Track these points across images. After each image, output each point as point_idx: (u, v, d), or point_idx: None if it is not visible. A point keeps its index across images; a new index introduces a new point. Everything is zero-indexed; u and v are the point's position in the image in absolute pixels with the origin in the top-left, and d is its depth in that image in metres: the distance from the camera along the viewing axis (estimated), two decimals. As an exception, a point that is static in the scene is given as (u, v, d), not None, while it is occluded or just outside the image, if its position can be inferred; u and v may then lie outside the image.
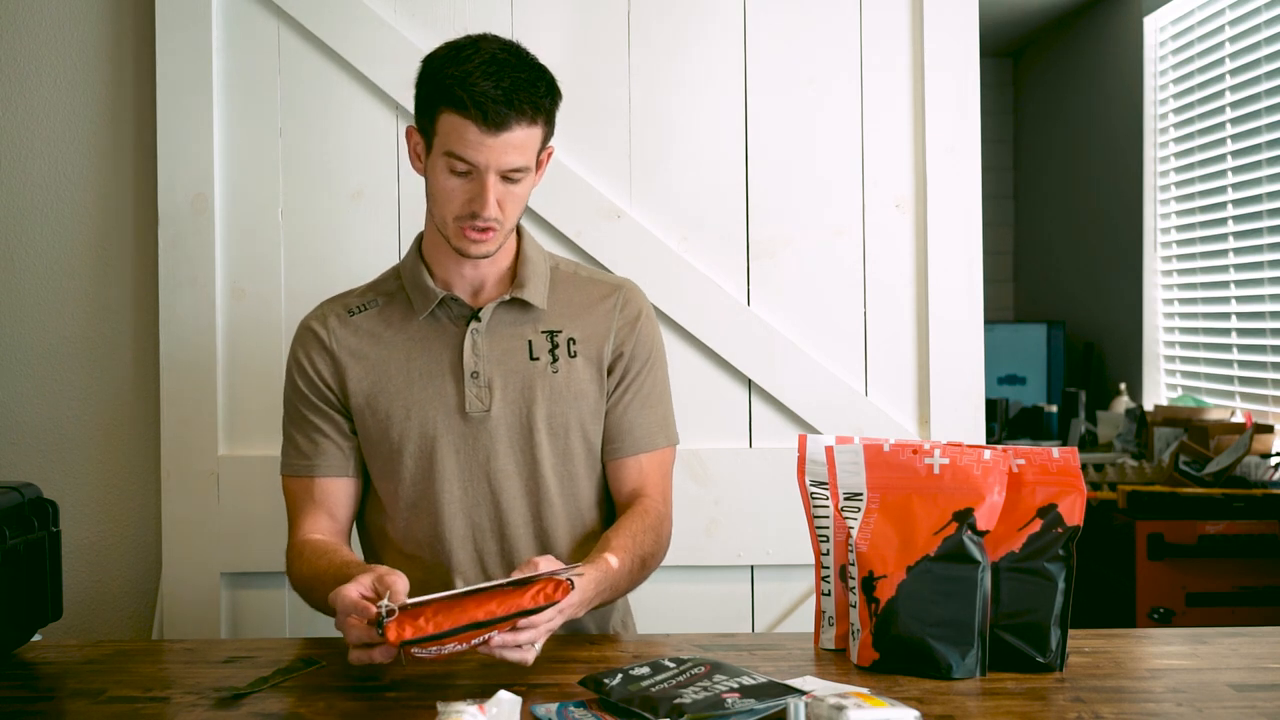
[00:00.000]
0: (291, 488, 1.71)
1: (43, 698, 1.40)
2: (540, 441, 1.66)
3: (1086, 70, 5.06)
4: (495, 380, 1.65)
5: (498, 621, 1.31)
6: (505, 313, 1.68)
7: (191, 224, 2.18)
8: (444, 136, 1.56)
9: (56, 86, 2.25)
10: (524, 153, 1.57)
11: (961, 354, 2.24)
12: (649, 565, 1.66)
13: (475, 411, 1.65)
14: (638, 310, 1.74)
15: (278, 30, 2.21)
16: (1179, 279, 4.29)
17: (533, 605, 1.33)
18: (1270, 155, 3.68)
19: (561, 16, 2.22)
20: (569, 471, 1.68)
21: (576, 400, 1.67)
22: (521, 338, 1.67)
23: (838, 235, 2.25)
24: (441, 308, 1.67)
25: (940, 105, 2.23)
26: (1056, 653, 1.43)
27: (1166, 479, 3.31)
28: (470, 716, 1.13)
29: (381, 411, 1.66)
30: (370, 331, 1.69)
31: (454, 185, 1.58)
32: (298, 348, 1.72)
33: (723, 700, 1.23)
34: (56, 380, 2.25)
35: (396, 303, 1.71)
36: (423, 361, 1.67)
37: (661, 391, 1.75)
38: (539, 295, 1.68)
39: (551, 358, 1.68)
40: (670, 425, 1.76)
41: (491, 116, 1.53)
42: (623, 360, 1.70)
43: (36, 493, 1.59)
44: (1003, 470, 1.44)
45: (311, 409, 1.70)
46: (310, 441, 1.70)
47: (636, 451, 1.71)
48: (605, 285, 1.75)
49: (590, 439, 1.70)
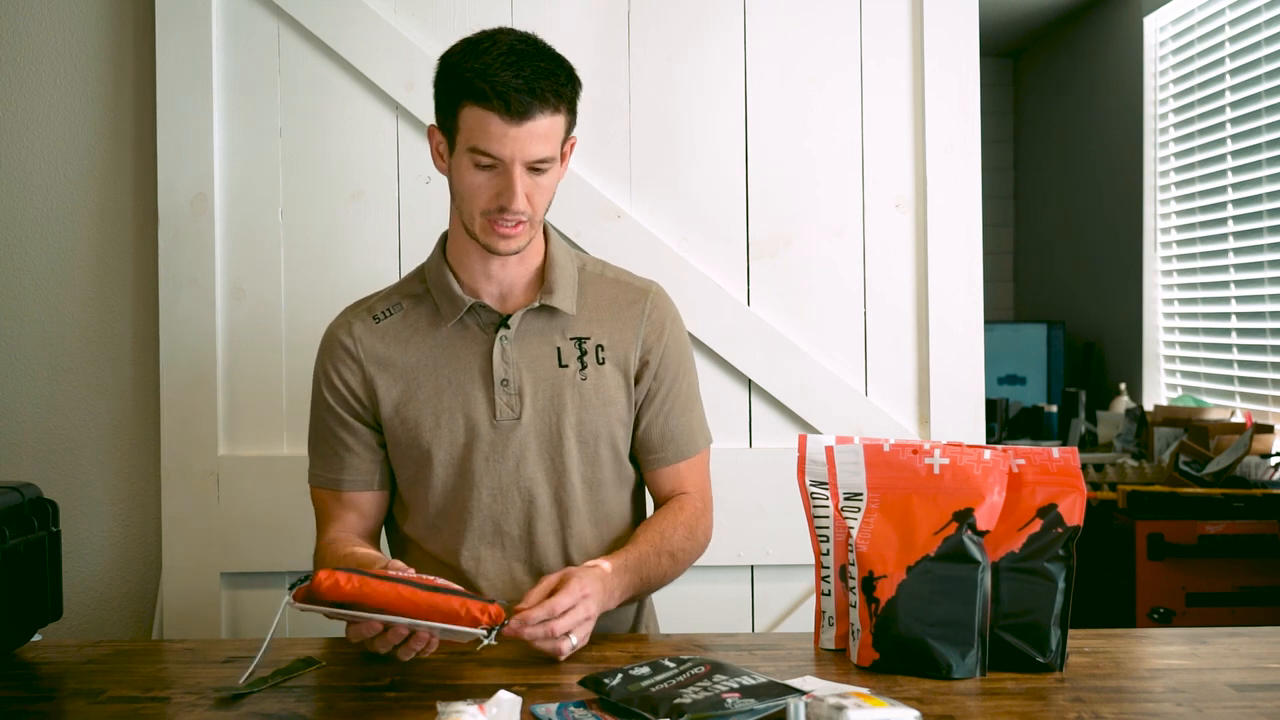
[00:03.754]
0: (319, 497, 1.72)
1: (43, 698, 1.39)
2: (569, 449, 1.65)
3: (1086, 70, 5.06)
4: (525, 388, 1.65)
5: (418, 586, 1.32)
6: (534, 319, 1.66)
7: (191, 224, 2.18)
8: (467, 132, 1.55)
9: (56, 86, 2.25)
10: (548, 142, 1.56)
11: (961, 354, 2.24)
12: (680, 560, 1.67)
13: (505, 419, 1.64)
14: (665, 316, 1.72)
15: (278, 30, 2.21)
16: (1179, 279, 4.29)
17: (455, 618, 1.32)
18: (1270, 155, 3.68)
19: (561, 16, 2.22)
20: (597, 479, 1.68)
21: (605, 407, 1.67)
22: (550, 344, 1.66)
23: (838, 235, 2.25)
24: (470, 314, 1.66)
25: (940, 105, 2.23)
26: (1056, 653, 1.43)
27: (1166, 479, 3.31)
28: (470, 716, 1.13)
29: (411, 419, 1.65)
30: (397, 338, 1.68)
31: (480, 180, 1.56)
32: (325, 359, 1.70)
33: (723, 700, 1.23)
34: (56, 380, 2.25)
35: (422, 307, 1.69)
36: (451, 369, 1.65)
37: (694, 394, 1.76)
38: (567, 301, 1.67)
39: (580, 365, 1.67)
40: (705, 425, 1.77)
41: (514, 106, 1.51)
42: (652, 368, 1.70)
43: (36, 493, 1.59)
44: (1003, 470, 1.44)
45: (339, 423, 1.69)
46: (336, 456, 1.69)
47: (678, 459, 1.72)
48: (633, 289, 1.73)
49: (618, 446, 1.69)
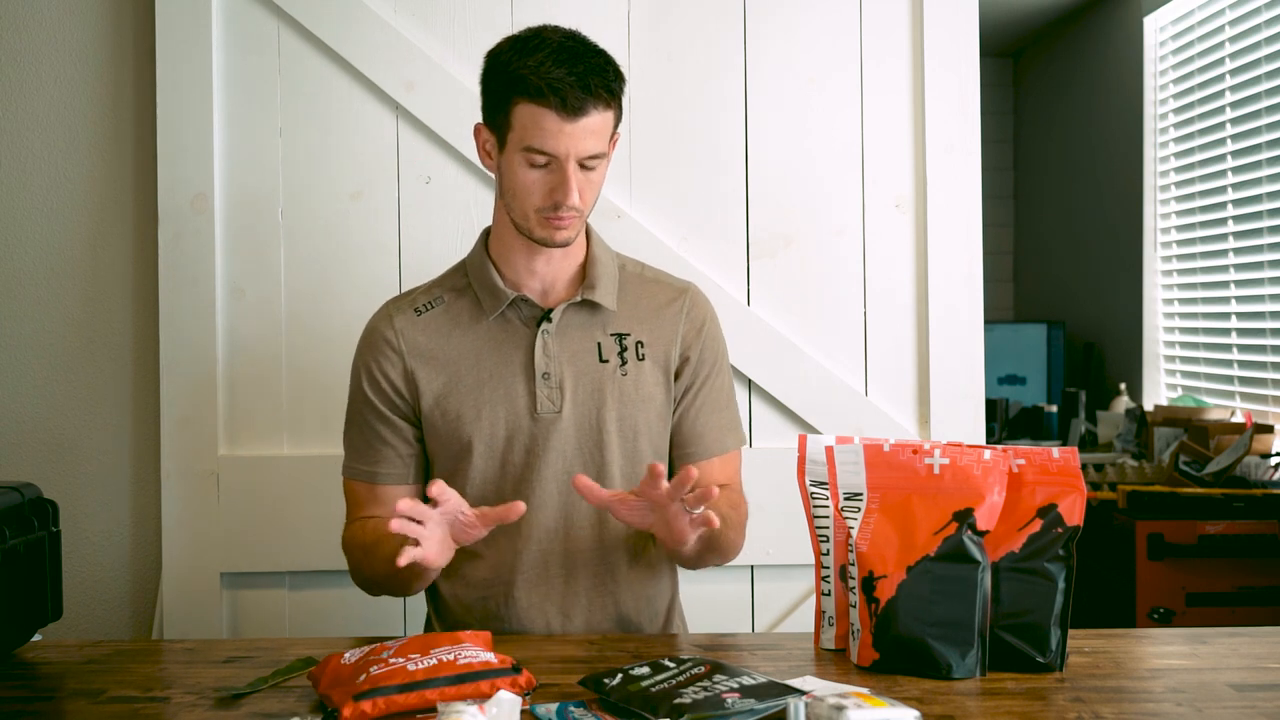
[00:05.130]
0: (351, 489, 1.73)
1: (43, 698, 1.39)
2: (610, 444, 1.66)
3: (1086, 70, 5.06)
4: (566, 381, 1.66)
5: (441, 683, 1.28)
6: (575, 314, 1.68)
7: (191, 224, 2.18)
8: (521, 129, 1.56)
9: (56, 86, 2.25)
10: (600, 138, 1.58)
11: (961, 354, 2.24)
12: (730, 526, 1.64)
13: (546, 412, 1.65)
14: (704, 315, 1.74)
15: (278, 30, 2.21)
16: (1179, 279, 4.29)
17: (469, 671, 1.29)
18: (1270, 155, 3.68)
19: (561, 17, 2.21)
20: (637, 474, 1.68)
21: (644, 404, 1.68)
22: (591, 339, 1.68)
23: (838, 235, 2.25)
24: (511, 308, 1.67)
25: (940, 104, 2.23)
26: (1056, 653, 1.43)
27: (1166, 479, 3.31)
28: (470, 716, 1.13)
29: (452, 412, 1.66)
30: (439, 330, 1.69)
31: (534, 178, 1.58)
32: (366, 352, 1.71)
33: (723, 700, 1.23)
34: (56, 380, 2.25)
35: (464, 300, 1.70)
36: (493, 362, 1.66)
37: (729, 394, 1.77)
38: (609, 297, 1.68)
39: (620, 360, 1.68)
40: (739, 427, 1.77)
41: (570, 103, 1.53)
42: (690, 365, 1.71)
43: (36, 493, 1.59)
44: (1003, 470, 1.44)
45: (377, 417, 1.69)
46: (372, 449, 1.70)
47: (709, 456, 1.73)
48: (671, 288, 1.75)
49: (657, 442, 1.70)
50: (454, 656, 1.29)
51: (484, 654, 1.31)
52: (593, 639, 1.60)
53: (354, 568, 1.69)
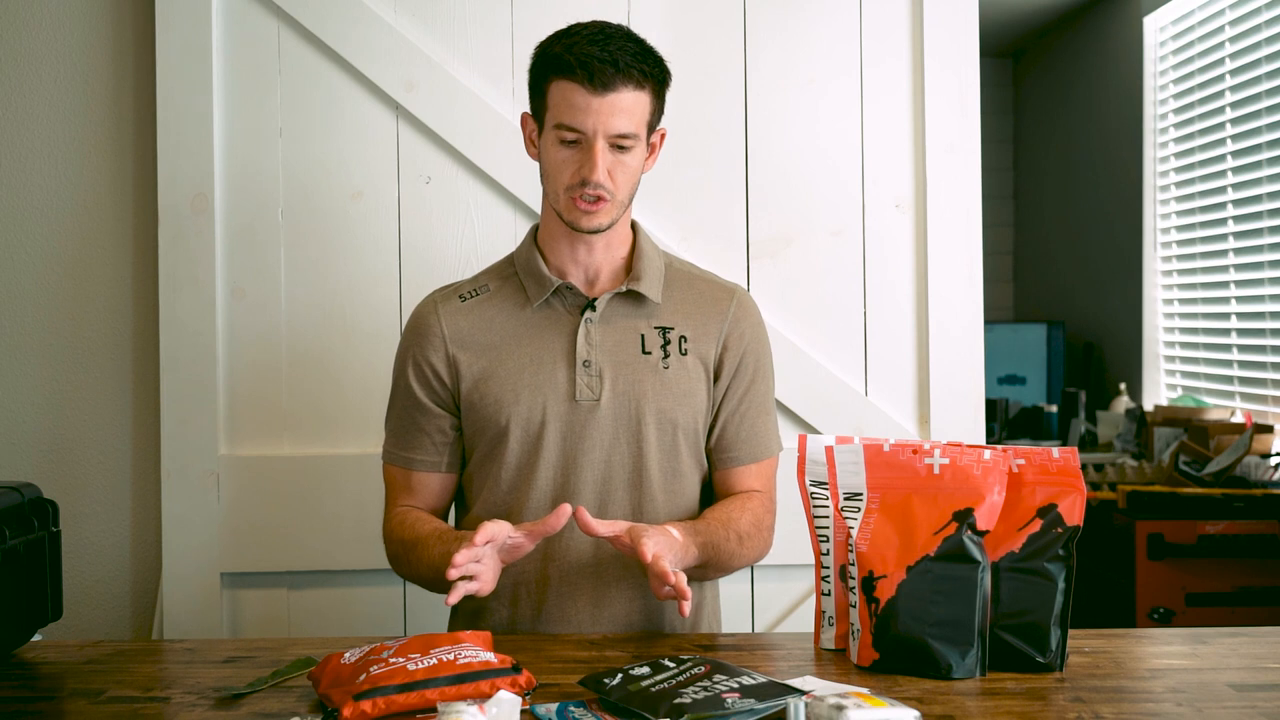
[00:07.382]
0: (390, 473, 1.75)
1: (43, 698, 1.40)
2: (648, 435, 1.66)
3: (1086, 70, 5.06)
4: (606, 370, 1.66)
5: (441, 683, 1.28)
6: (620, 304, 1.68)
7: (191, 224, 2.18)
8: (554, 108, 1.59)
9: (56, 86, 2.25)
10: (631, 118, 1.58)
11: (961, 354, 2.24)
12: (747, 545, 1.66)
13: (585, 399, 1.65)
14: (750, 318, 1.74)
15: (278, 30, 2.21)
16: (1179, 279, 4.29)
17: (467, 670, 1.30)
18: (1270, 155, 3.68)
19: (561, 17, 2.21)
20: (674, 468, 1.68)
21: (685, 398, 1.68)
22: (634, 330, 1.68)
23: (838, 235, 2.25)
24: (556, 295, 1.68)
25: (940, 104, 2.23)
26: (1056, 653, 1.43)
27: (1166, 479, 3.31)
28: (470, 716, 1.13)
29: (491, 395, 1.67)
30: (482, 315, 1.70)
31: (565, 156, 1.60)
32: (410, 340, 1.73)
33: (723, 700, 1.23)
34: (56, 380, 2.25)
35: (509, 288, 1.71)
36: (534, 347, 1.67)
37: (771, 400, 1.77)
38: (654, 289, 1.69)
39: (663, 353, 1.68)
40: (778, 433, 1.78)
41: (598, 76, 1.55)
42: (732, 366, 1.71)
43: (36, 493, 1.59)
44: (1003, 470, 1.44)
45: (416, 406, 1.71)
46: (410, 436, 1.72)
47: (750, 460, 1.73)
48: (719, 288, 1.75)
49: (695, 438, 1.70)
50: (454, 656, 1.29)
51: (484, 654, 1.31)
52: (593, 639, 1.60)
53: (393, 559, 1.71)
